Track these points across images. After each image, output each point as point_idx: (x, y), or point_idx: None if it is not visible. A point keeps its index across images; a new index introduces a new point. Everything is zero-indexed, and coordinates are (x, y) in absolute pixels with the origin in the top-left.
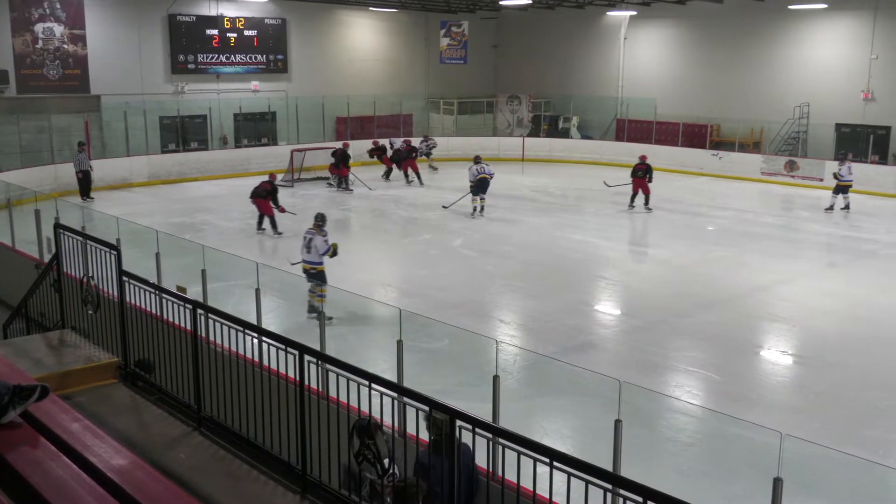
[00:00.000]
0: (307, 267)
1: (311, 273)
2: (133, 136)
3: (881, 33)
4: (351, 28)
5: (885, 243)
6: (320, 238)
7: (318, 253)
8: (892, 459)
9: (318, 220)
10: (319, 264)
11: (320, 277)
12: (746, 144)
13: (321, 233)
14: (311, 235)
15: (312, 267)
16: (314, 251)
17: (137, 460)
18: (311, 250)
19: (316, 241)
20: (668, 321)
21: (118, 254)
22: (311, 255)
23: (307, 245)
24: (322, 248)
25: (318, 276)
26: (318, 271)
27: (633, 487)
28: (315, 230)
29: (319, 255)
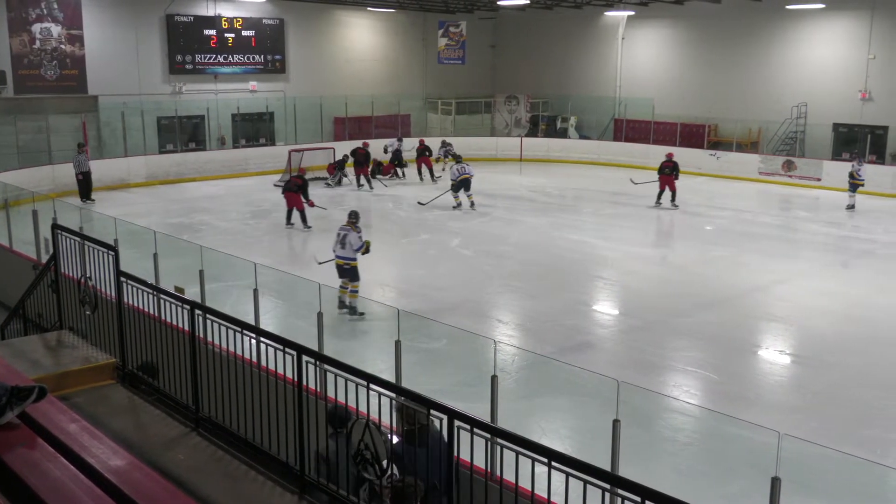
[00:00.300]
0: (340, 262)
1: (345, 268)
2: (131, 136)
3: (878, 33)
4: (349, 28)
5: (883, 243)
6: (354, 234)
7: (352, 249)
8: (891, 459)
9: (351, 217)
10: (353, 260)
11: (353, 273)
12: (744, 144)
13: (356, 229)
14: (345, 231)
15: (346, 262)
16: (348, 247)
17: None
18: (345, 246)
19: (350, 237)
20: (666, 321)
21: (116, 254)
22: (345, 251)
23: (341, 241)
24: (356, 245)
25: (351, 271)
26: (351, 267)
27: (632, 487)
28: (349, 227)
29: (353, 251)
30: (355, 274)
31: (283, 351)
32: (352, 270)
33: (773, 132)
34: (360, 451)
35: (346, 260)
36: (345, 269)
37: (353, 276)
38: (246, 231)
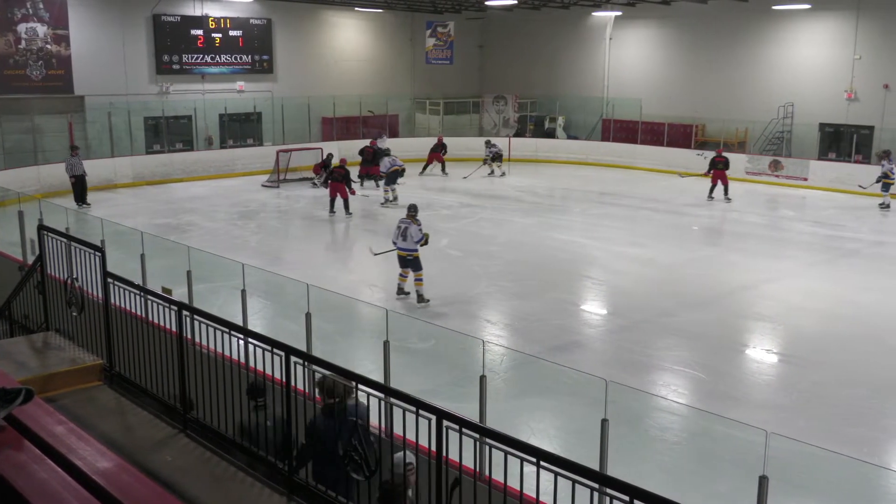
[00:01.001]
0: (403, 254)
1: (407, 259)
2: (117, 136)
3: (864, 34)
4: (336, 28)
5: (869, 242)
6: (415, 227)
7: (413, 240)
8: (877, 457)
9: (411, 211)
10: (415, 251)
11: (415, 263)
12: (731, 144)
13: (416, 222)
14: (406, 224)
15: (409, 253)
16: (410, 239)
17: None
18: (406, 238)
19: (411, 229)
20: (654, 320)
21: (103, 255)
22: (406, 243)
23: (403, 233)
24: (416, 237)
25: (414, 262)
26: (413, 258)
27: (620, 486)
28: (410, 220)
29: (414, 243)
30: (417, 264)
31: (271, 352)
32: (414, 261)
33: (759, 132)
34: (349, 451)
35: (408, 251)
36: (407, 259)
37: (416, 266)
38: (233, 232)
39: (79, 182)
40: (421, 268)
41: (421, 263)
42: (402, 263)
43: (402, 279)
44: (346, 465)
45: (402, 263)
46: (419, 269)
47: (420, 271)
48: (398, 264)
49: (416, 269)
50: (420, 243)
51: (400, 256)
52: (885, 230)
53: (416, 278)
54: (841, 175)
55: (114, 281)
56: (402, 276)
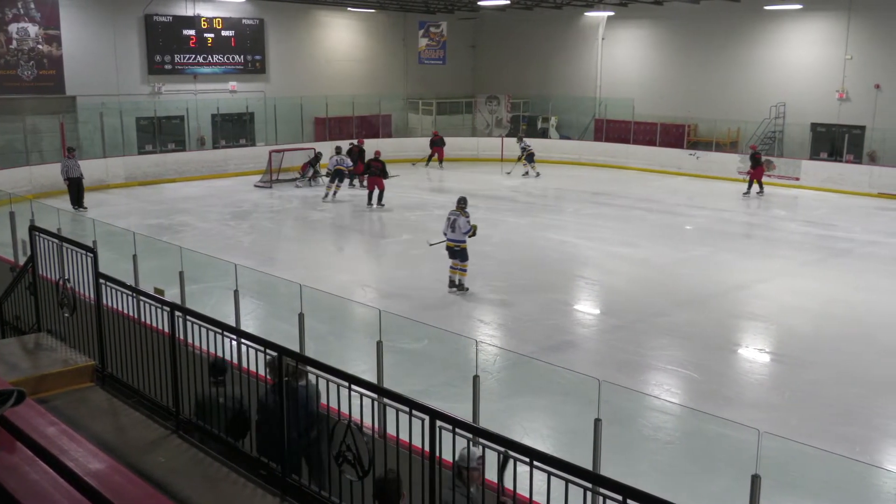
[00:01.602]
0: (451, 244)
1: (455, 250)
2: (109, 137)
3: (855, 34)
4: (329, 28)
5: (861, 241)
6: (463, 219)
7: (461, 231)
8: (869, 456)
9: (461, 203)
10: (462, 242)
11: (462, 254)
12: (723, 144)
13: (464, 214)
14: (455, 216)
15: (456, 244)
16: (458, 230)
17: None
18: (455, 229)
19: (460, 221)
20: (647, 320)
21: (94, 256)
22: (455, 234)
23: (451, 225)
24: (464, 228)
25: (461, 252)
26: (461, 248)
27: (613, 486)
28: (459, 211)
29: (462, 234)
30: (465, 255)
31: (264, 352)
32: (461, 252)
33: (751, 132)
34: (342, 451)
35: (456, 242)
36: (455, 250)
37: (463, 256)
38: (226, 232)
39: (74, 185)
40: (467, 258)
41: (468, 254)
42: (451, 254)
43: (452, 271)
44: (339, 464)
45: (451, 254)
46: (465, 260)
47: (466, 262)
48: (448, 255)
49: (462, 260)
50: (468, 234)
51: (449, 247)
52: (877, 230)
53: (460, 268)
54: (832, 175)
55: (106, 282)
56: (453, 269)
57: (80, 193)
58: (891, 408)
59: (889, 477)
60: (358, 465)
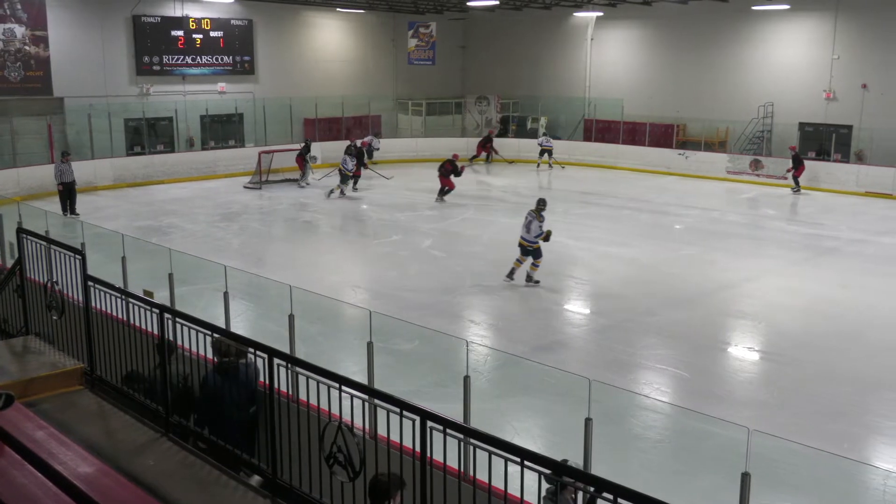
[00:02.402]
0: (523, 243)
1: (527, 248)
2: (97, 138)
3: (842, 34)
4: (318, 29)
5: (847, 240)
6: (537, 223)
7: (532, 234)
8: (857, 452)
9: (539, 206)
10: (534, 243)
11: (535, 253)
12: (712, 144)
13: (539, 218)
14: (531, 218)
15: (528, 244)
16: (530, 232)
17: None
18: (529, 231)
19: (533, 224)
20: (637, 319)
21: (83, 258)
22: (528, 235)
23: (526, 225)
24: (536, 232)
25: (533, 252)
26: (533, 248)
27: (604, 485)
28: (535, 214)
29: (534, 237)
30: (537, 253)
31: (254, 354)
32: (534, 251)
33: (740, 132)
34: (333, 453)
35: (527, 241)
36: (527, 249)
37: (536, 255)
38: (216, 234)
39: (66, 190)
40: (540, 255)
41: (541, 252)
42: (523, 252)
43: (517, 264)
44: (330, 465)
45: (523, 252)
46: (539, 257)
47: (539, 258)
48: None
49: (536, 257)
50: (539, 238)
51: (520, 244)
52: (864, 228)
53: (533, 262)
54: (820, 174)
55: (94, 284)
56: (518, 262)
57: (72, 199)
58: (878, 405)
59: (877, 473)
60: (349, 467)
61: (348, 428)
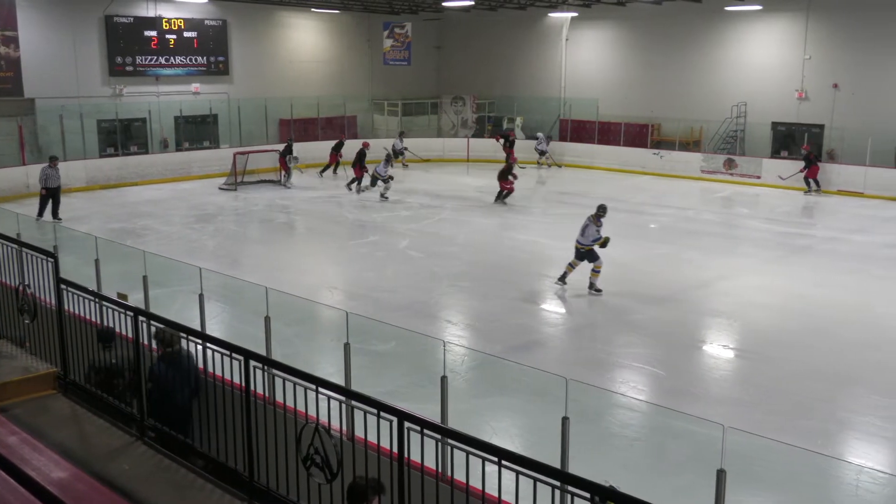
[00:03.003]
0: (578, 246)
1: (581, 252)
2: (70, 139)
3: (813, 34)
4: (293, 29)
5: (821, 238)
6: (594, 228)
7: (589, 239)
8: (831, 448)
9: (599, 212)
10: (589, 245)
11: (590, 255)
12: (686, 143)
13: (597, 223)
14: (588, 223)
15: (583, 247)
16: (587, 237)
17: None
18: (584, 235)
19: (590, 229)
20: (613, 318)
21: (55, 261)
22: (583, 238)
23: (583, 229)
24: (592, 236)
25: (588, 254)
26: (587, 251)
27: (581, 484)
28: (592, 219)
29: (590, 241)
30: (592, 256)
31: (230, 356)
32: (588, 253)
33: (714, 131)
34: (310, 455)
35: (582, 245)
36: (581, 252)
37: (592, 257)
38: (190, 235)
39: (50, 194)
40: (597, 258)
41: (597, 254)
42: (577, 255)
43: (569, 268)
44: (307, 468)
45: (577, 255)
46: (596, 260)
47: (597, 262)
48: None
49: (592, 261)
50: (595, 243)
51: (576, 248)
52: (836, 226)
53: (594, 269)
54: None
55: (67, 287)
56: (571, 266)
57: (56, 204)
58: (851, 401)
59: (850, 469)
60: (326, 469)
61: (325, 430)
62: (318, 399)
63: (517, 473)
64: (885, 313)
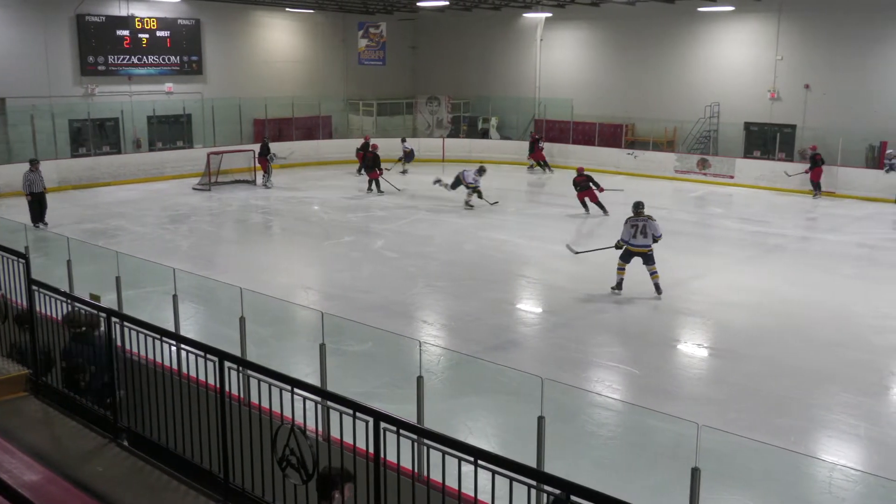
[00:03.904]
0: (643, 250)
1: (648, 255)
2: (41, 139)
3: (785, 35)
4: (267, 29)
5: (793, 237)
6: (653, 223)
7: (655, 235)
8: (804, 445)
9: (640, 207)
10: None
11: (651, 257)
12: (660, 143)
13: (652, 218)
14: (643, 221)
15: (650, 248)
16: (650, 235)
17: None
18: (646, 234)
19: (651, 225)
20: (588, 318)
21: (27, 262)
22: (648, 239)
23: (642, 230)
24: (659, 231)
25: (650, 256)
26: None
27: (557, 482)
28: (647, 217)
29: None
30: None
31: (204, 357)
32: (651, 255)
33: (687, 131)
34: (286, 456)
35: (648, 247)
36: (648, 255)
37: (651, 259)
38: (164, 236)
39: (36, 200)
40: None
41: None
42: (644, 260)
43: (620, 272)
44: (283, 468)
45: (644, 260)
46: (654, 263)
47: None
48: (622, 258)
49: (651, 263)
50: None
51: (637, 253)
52: (809, 226)
53: (653, 272)
54: (765, 172)
55: (39, 288)
56: (620, 270)
57: (42, 209)
58: (824, 398)
59: (823, 466)
60: (302, 470)
61: (301, 430)
62: (293, 400)
63: (493, 473)
64: (856, 312)
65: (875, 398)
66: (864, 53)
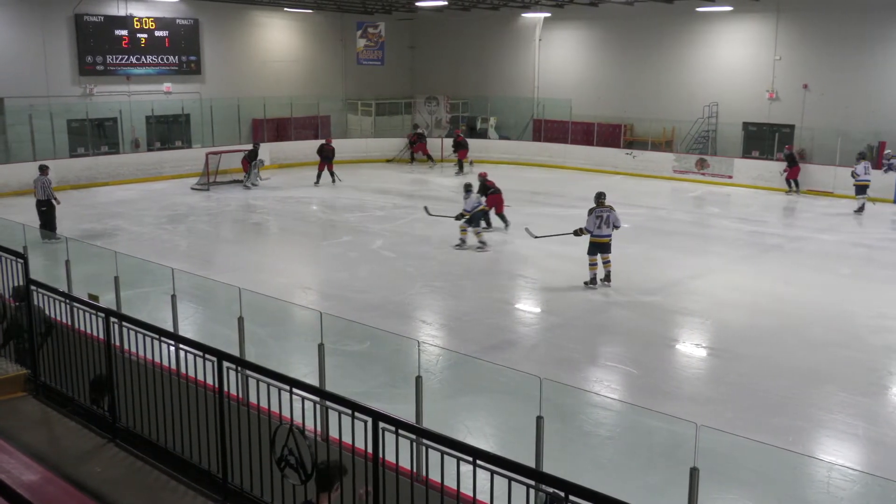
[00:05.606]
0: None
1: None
2: (39, 139)
3: (783, 35)
4: (266, 29)
5: (790, 237)
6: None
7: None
8: (801, 445)
9: (602, 198)
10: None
11: (606, 248)
12: (659, 143)
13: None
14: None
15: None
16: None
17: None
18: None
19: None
20: (586, 317)
21: (25, 262)
22: (610, 229)
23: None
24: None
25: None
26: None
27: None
28: (609, 208)
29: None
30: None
31: (202, 357)
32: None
33: (686, 131)
34: (284, 456)
35: (609, 237)
36: (607, 245)
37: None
38: (162, 236)
39: (51, 209)
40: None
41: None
42: (603, 249)
43: (593, 268)
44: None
45: (603, 249)
46: (610, 251)
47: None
48: (590, 252)
49: (608, 252)
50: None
51: (601, 243)
52: (805, 226)
53: (606, 260)
54: (763, 173)
55: (37, 288)
56: (594, 265)
57: (48, 219)
58: (821, 398)
59: (821, 466)
60: (301, 470)
61: (300, 430)
62: (292, 400)
63: (492, 473)
64: (853, 311)
65: (873, 398)
66: (862, 53)
